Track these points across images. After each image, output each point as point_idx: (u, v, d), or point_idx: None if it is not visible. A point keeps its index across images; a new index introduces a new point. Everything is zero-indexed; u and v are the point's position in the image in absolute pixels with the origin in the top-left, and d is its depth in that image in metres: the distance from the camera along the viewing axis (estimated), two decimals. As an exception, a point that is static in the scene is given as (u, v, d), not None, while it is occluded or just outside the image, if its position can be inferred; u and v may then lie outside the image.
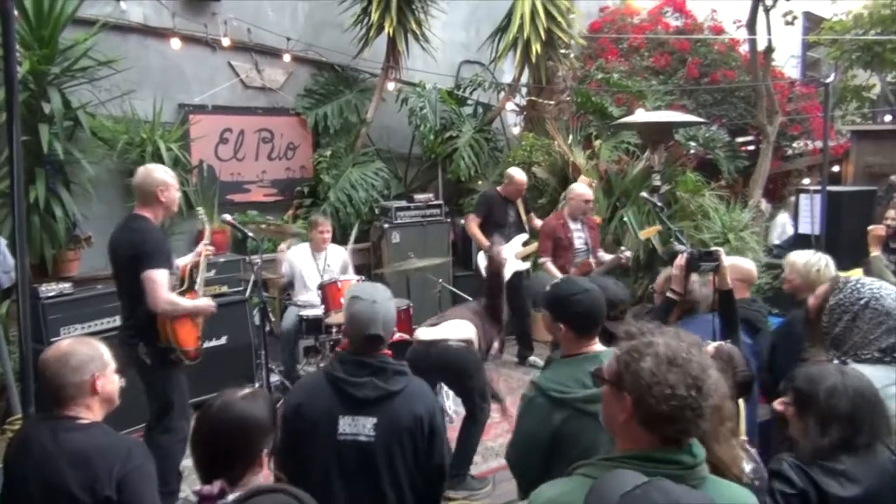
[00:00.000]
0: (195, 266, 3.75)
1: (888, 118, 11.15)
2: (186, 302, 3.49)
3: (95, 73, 5.15)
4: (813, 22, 11.30)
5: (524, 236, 5.88)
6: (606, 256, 5.52)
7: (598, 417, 1.96)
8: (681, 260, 2.93)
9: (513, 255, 5.71)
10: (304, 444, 2.29)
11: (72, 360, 2.16)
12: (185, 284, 3.62)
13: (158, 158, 5.45)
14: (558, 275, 5.33)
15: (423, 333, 3.88)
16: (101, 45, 5.21)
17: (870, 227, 4.29)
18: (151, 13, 5.92)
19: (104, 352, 2.26)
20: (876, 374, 2.11)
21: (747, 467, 1.95)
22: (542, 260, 5.49)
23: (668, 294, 3.01)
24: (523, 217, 6.03)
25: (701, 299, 3.14)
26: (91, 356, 2.21)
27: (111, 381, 2.26)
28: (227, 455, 1.79)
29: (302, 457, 2.29)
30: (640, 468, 1.39)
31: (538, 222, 6.04)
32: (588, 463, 1.53)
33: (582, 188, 5.63)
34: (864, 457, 1.87)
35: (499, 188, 6.08)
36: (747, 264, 3.62)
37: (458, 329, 3.83)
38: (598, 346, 2.31)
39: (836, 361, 2.16)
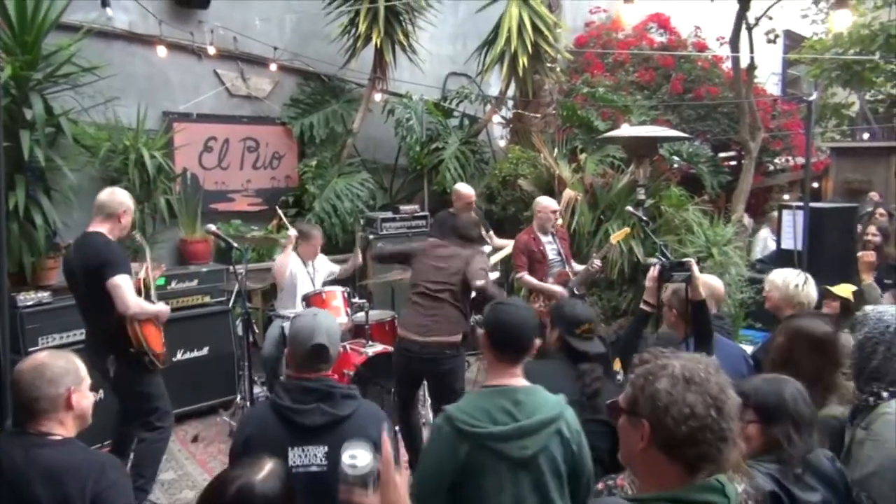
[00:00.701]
0: (148, 277, 3.89)
1: (866, 136, 11.35)
2: (150, 305, 3.69)
3: (79, 80, 5.09)
4: (793, 40, 11.49)
5: (486, 248, 5.85)
6: (579, 267, 5.53)
7: (504, 455, 2.00)
8: (653, 272, 2.95)
9: None
10: None
11: (47, 372, 2.11)
12: (143, 294, 3.75)
13: (141, 166, 5.40)
14: (538, 284, 5.33)
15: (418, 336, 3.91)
16: (85, 51, 5.16)
17: (860, 254, 4.29)
18: (137, 20, 5.87)
19: (80, 366, 2.22)
20: None
21: (739, 487, 1.95)
22: (518, 275, 5.46)
23: (642, 306, 3.01)
24: (483, 232, 5.99)
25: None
26: (67, 370, 2.16)
27: (86, 397, 2.22)
28: None
29: None
30: None
31: (498, 241, 6.02)
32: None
33: (547, 200, 5.59)
34: (813, 462, 1.96)
35: (451, 209, 6.06)
36: (715, 281, 3.64)
37: (451, 336, 3.89)
38: (520, 380, 2.17)
39: (885, 394, 2.16)
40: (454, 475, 2.02)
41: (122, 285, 3.45)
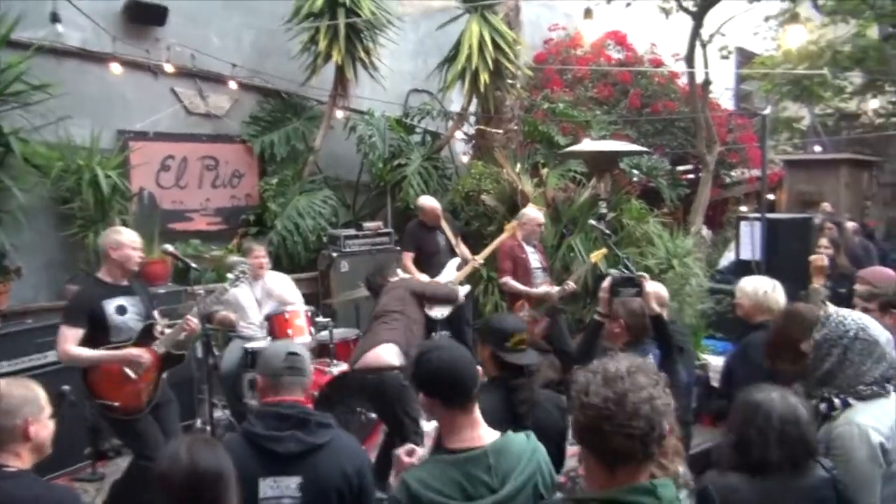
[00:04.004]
0: (155, 326, 3.82)
1: (818, 148, 11.72)
2: (89, 353, 3.58)
3: (29, 98, 4.95)
4: (745, 57, 11.84)
5: (457, 261, 5.84)
6: (553, 288, 5.55)
7: None
8: (606, 283, 3.03)
9: (450, 281, 5.67)
10: None
11: (3, 402, 2.03)
12: (135, 339, 3.72)
13: (96, 186, 5.26)
14: (524, 289, 5.33)
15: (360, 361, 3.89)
16: (36, 69, 5.02)
17: (812, 258, 4.38)
18: (91, 37, 5.74)
19: (40, 395, 2.13)
20: (881, 413, 2.13)
21: (681, 468, 1.98)
22: (504, 279, 5.43)
23: (596, 317, 3.08)
24: (452, 241, 5.99)
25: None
26: (26, 398, 2.08)
27: (45, 427, 2.13)
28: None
29: None
30: None
31: (466, 251, 6.03)
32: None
33: (534, 212, 5.68)
34: (782, 476, 1.94)
35: (419, 219, 6.06)
36: (661, 289, 3.65)
37: (386, 355, 3.82)
38: (483, 431, 1.94)
39: (836, 401, 2.15)
40: None
41: (60, 334, 3.57)
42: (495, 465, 1.86)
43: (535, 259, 5.54)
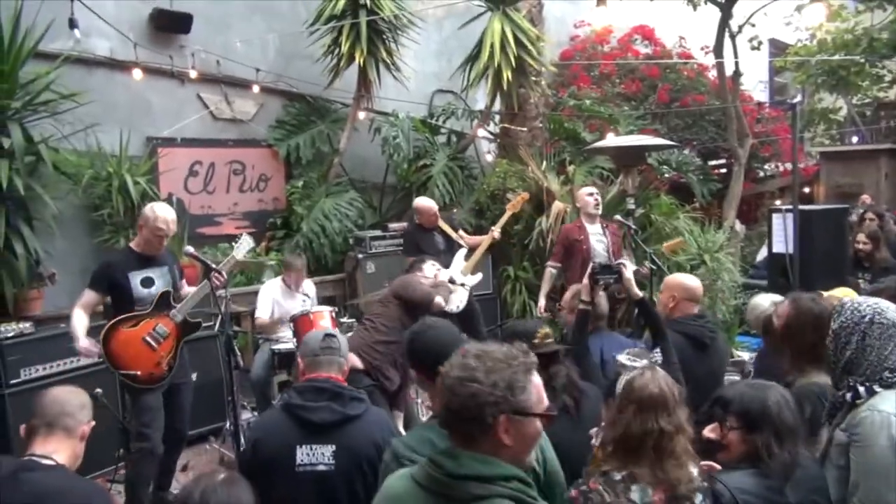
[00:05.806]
0: (173, 291, 3.98)
1: (855, 139, 11.37)
2: (76, 328, 3.72)
3: (58, 107, 5.04)
4: (778, 49, 11.57)
5: (463, 251, 5.78)
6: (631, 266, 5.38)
7: None
8: (589, 271, 3.13)
9: (459, 272, 5.60)
10: (263, 479, 2.25)
11: (73, 402, 2.23)
12: (152, 307, 3.86)
13: (125, 193, 5.35)
14: (544, 286, 5.37)
15: None
16: (65, 78, 5.11)
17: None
18: (118, 46, 5.85)
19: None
20: None
21: (693, 470, 1.87)
22: (547, 264, 5.44)
23: (580, 305, 3.12)
24: (454, 236, 5.94)
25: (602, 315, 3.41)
26: (86, 404, 2.29)
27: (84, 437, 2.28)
28: None
29: (261, 492, 2.21)
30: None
31: (471, 239, 6.00)
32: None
33: (581, 189, 5.70)
34: (787, 470, 1.94)
35: (417, 221, 6.00)
36: (690, 281, 3.57)
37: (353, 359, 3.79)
38: None
39: (861, 389, 2.08)
40: None
41: (82, 295, 3.81)
42: None
43: (597, 241, 5.33)
